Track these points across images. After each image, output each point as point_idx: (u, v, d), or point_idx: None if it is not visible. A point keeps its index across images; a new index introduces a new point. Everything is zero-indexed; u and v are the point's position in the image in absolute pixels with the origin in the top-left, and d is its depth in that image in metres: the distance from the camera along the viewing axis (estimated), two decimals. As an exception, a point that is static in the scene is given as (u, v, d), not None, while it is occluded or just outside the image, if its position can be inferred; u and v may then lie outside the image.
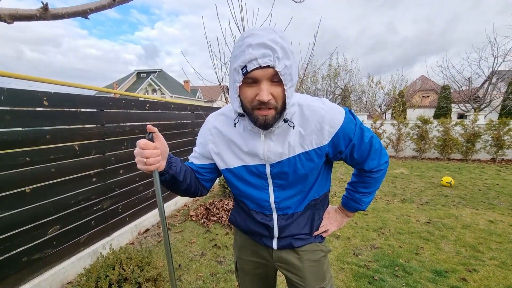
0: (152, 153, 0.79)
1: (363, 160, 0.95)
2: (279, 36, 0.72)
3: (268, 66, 0.70)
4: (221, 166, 0.97)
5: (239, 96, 0.78)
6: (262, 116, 0.77)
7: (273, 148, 0.87)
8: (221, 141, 0.95)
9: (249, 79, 0.73)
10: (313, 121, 0.86)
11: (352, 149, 0.91)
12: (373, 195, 1.08)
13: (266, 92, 0.73)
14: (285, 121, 0.82)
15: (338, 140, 0.88)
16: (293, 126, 0.84)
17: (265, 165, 0.90)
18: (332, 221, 1.10)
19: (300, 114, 0.87)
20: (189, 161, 1.04)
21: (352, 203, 1.08)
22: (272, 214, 0.97)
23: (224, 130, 0.94)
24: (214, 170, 1.02)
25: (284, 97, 0.76)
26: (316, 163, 0.90)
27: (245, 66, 0.71)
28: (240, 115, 0.84)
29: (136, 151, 0.80)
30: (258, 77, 0.72)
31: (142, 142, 0.79)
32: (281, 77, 0.72)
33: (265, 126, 0.79)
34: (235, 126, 0.90)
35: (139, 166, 0.81)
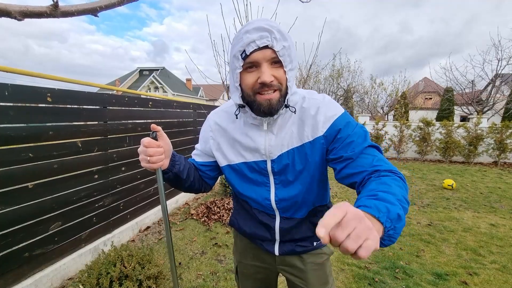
0: (155, 151, 0.80)
1: (357, 172, 0.74)
2: (275, 23, 0.74)
3: (266, 47, 0.71)
4: (222, 162, 0.96)
5: (239, 85, 0.78)
6: (266, 100, 0.76)
7: (274, 141, 0.86)
8: (222, 137, 0.95)
9: (249, 63, 0.73)
10: (310, 112, 0.84)
11: (346, 149, 0.78)
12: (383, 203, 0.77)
13: (267, 73, 0.72)
14: (287, 106, 0.80)
15: (332, 135, 0.81)
16: (295, 111, 0.83)
17: (266, 161, 0.89)
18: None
19: (300, 106, 0.86)
20: (191, 158, 1.04)
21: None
22: (275, 215, 0.95)
23: (225, 126, 0.94)
24: (215, 168, 1.02)
25: (286, 80, 0.76)
26: (314, 158, 0.85)
27: (244, 50, 0.71)
28: (240, 106, 0.83)
29: (140, 149, 0.81)
30: (258, 59, 0.72)
31: (146, 140, 0.80)
32: (280, 58, 0.72)
33: (270, 111, 0.77)
34: (236, 118, 0.88)
35: (142, 164, 0.81)
